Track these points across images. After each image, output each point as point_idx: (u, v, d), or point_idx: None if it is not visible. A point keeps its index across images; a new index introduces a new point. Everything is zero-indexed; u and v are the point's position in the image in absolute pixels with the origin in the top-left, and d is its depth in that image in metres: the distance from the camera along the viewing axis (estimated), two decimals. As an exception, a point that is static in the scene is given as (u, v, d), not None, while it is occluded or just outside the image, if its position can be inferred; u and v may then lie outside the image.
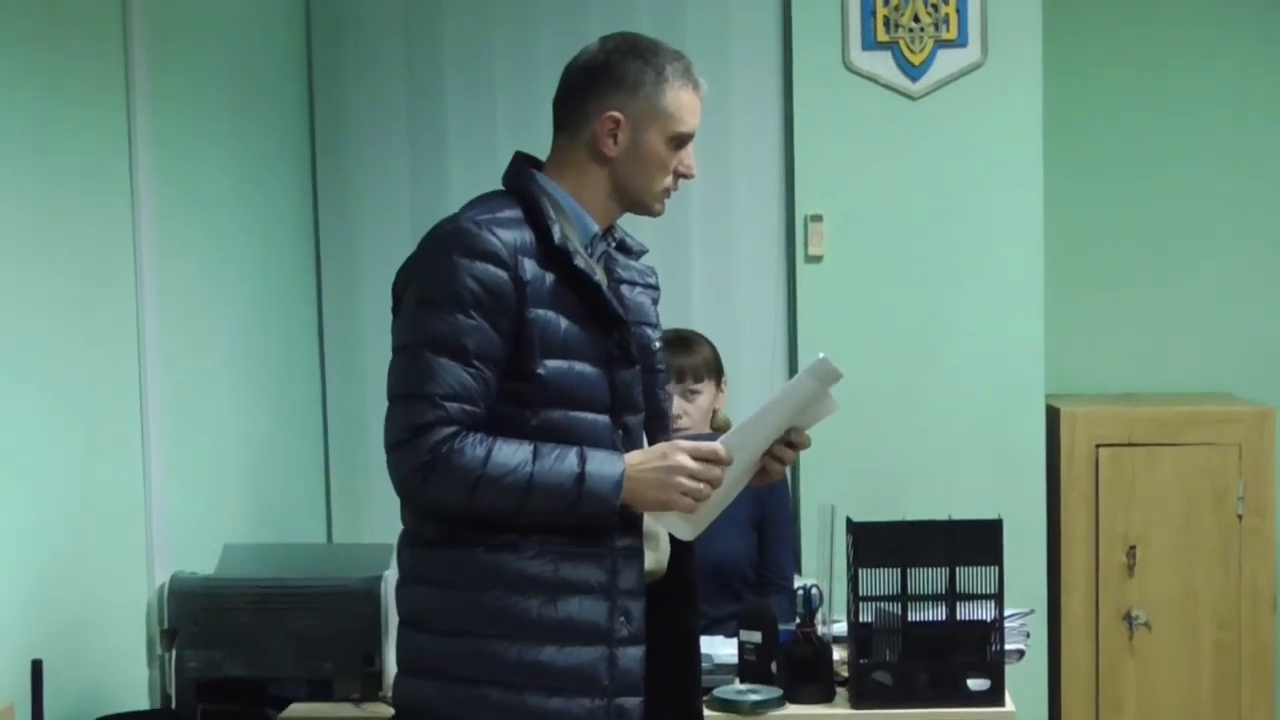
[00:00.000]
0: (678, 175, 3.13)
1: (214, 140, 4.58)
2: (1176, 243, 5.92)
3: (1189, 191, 5.91)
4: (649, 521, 3.09)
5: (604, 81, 3.06)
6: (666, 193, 3.14)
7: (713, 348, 4.65)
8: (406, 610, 3.08)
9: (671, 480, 2.98)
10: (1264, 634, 5.42)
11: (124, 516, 3.93)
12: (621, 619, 3.01)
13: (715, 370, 4.61)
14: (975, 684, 3.70)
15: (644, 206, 3.14)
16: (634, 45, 3.10)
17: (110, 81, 3.92)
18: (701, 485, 2.99)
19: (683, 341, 4.58)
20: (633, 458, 2.99)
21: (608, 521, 2.98)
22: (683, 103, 3.08)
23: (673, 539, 3.19)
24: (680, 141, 3.10)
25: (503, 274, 2.93)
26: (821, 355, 3.05)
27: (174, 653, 3.95)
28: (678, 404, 4.48)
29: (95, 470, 3.79)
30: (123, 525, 3.93)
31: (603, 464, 2.95)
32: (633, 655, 3.02)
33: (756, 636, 3.79)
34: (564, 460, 2.93)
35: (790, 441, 3.13)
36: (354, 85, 5.46)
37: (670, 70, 3.08)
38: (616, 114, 3.05)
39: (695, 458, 2.99)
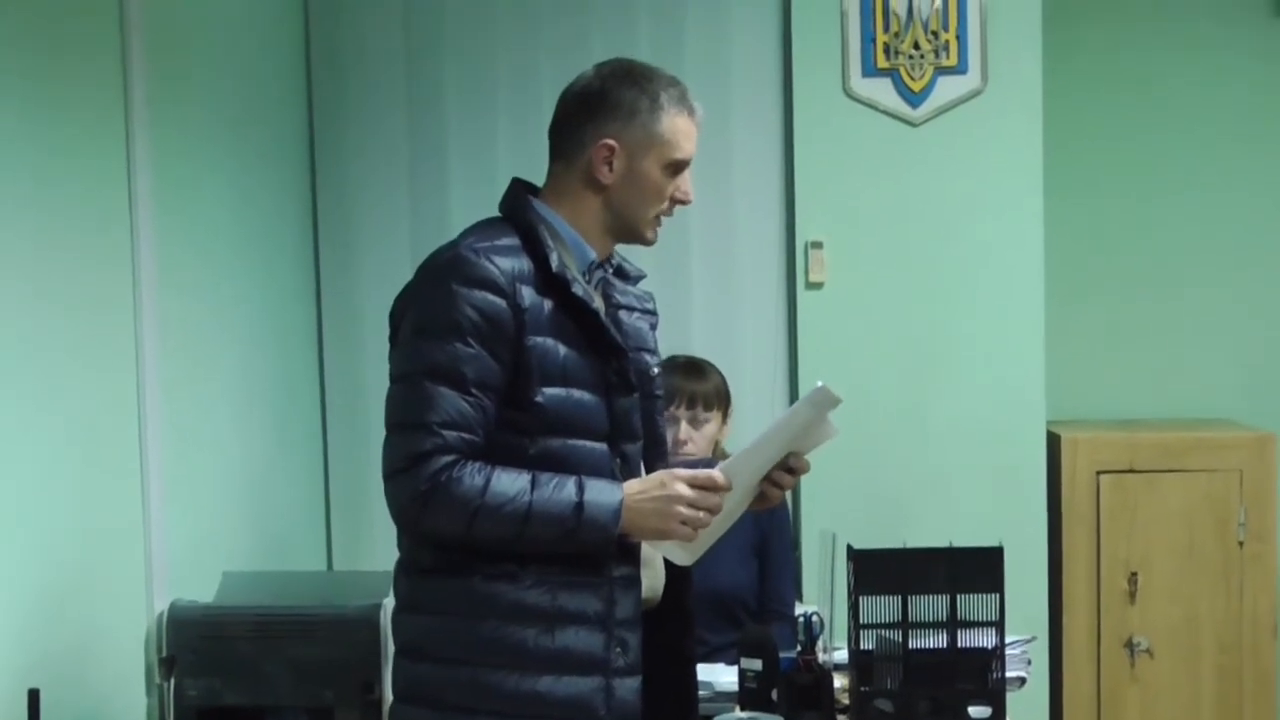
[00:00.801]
0: (675, 202, 3.12)
1: (213, 166, 4.57)
2: (1177, 268, 5.92)
3: (1189, 216, 5.91)
4: (644, 548, 3.09)
5: (599, 109, 3.06)
6: (658, 220, 3.13)
7: (723, 378, 4.63)
8: (403, 639, 3.08)
9: (670, 509, 2.97)
10: (1265, 660, 5.41)
11: (122, 543, 3.92)
12: (618, 649, 3.01)
13: (724, 400, 4.60)
14: (977, 711, 3.68)
15: (637, 234, 3.13)
16: (629, 72, 3.10)
17: (108, 108, 3.92)
18: (700, 513, 2.99)
19: (695, 368, 4.57)
20: (631, 486, 2.99)
21: (606, 550, 2.98)
22: (679, 129, 3.08)
23: (669, 566, 3.19)
24: (677, 168, 3.09)
25: (501, 302, 2.93)
26: (820, 384, 3.05)
27: (173, 681, 3.93)
28: (684, 430, 4.47)
29: (94, 497, 3.78)
30: (121, 552, 3.91)
31: (601, 493, 2.94)
32: (629, 686, 3.03)
33: (757, 664, 3.77)
34: (562, 489, 2.92)
35: (789, 467, 3.13)
36: (354, 110, 5.46)
37: (665, 97, 3.07)
38: (612, 142, 3.05)
39: (693, 486, 2.99)
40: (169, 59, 4.20)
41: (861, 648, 3.69)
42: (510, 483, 2.91)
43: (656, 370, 3.21)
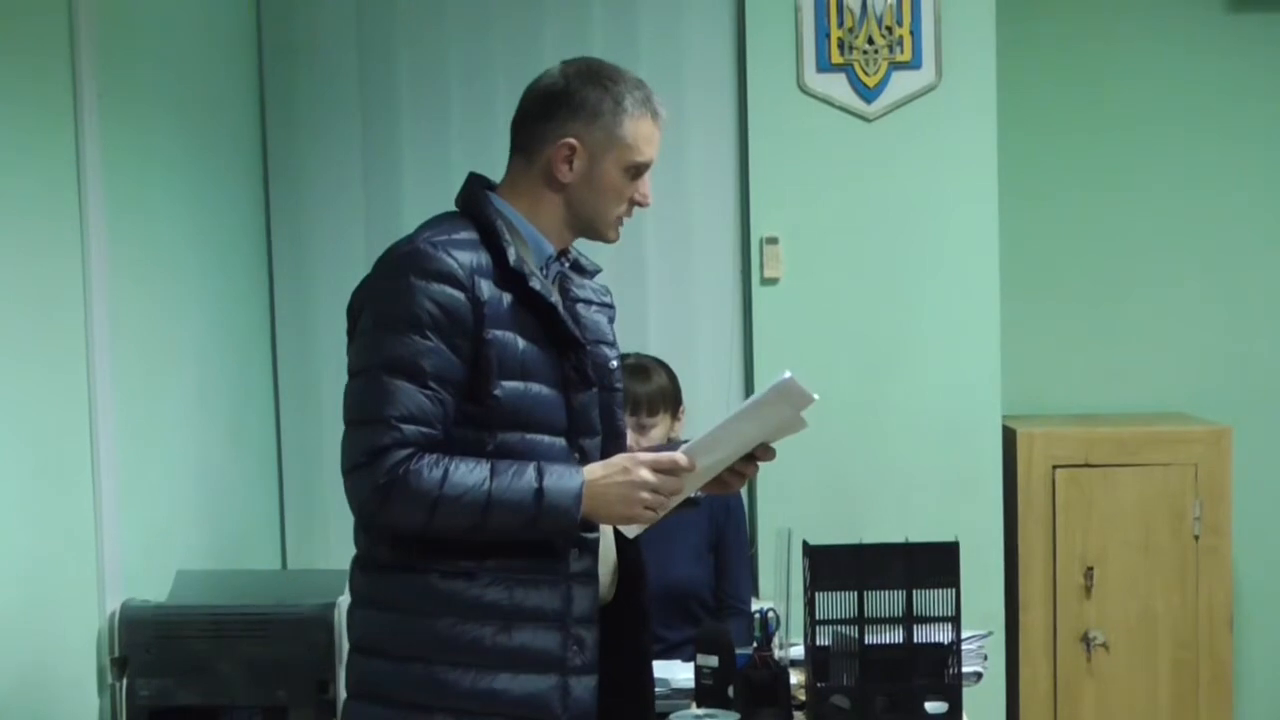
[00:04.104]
0: (633, 203, 3.11)
1: (164, 161, 4.55)
2: (1131, 262, 5.94)
3: (1143, 211, 5.93)
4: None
5: (563, 108, 3.05)
6: (620, 220, 3.13)
7: (670, 376, 4.56)
8: (358, 635, 3.06)
9: (634, 495, 2.97)
10: (1221, 653, 5.43)
11: (74, 543, 3.89)
12: (575, 648, 3.01)
13: (672, 401, 4.53)
14: (933, 707, 3.67)
15: (598, 234, 3.13)
16: (595, 72, 3.09)
17: (58, 103, 3.89)
18: (663, 497, 2.98)
19: (640, 370, 4.49)
20: (593, 470, 2.98)
21: (569, 535, 2.97)
22: (640, 132, 3.07)
23: (625, 565, 3.17)
24: (637, 171, 3.09)
25: (460, 295, 2.92)
26: (788, 374, 3.03)
27: (125, 681, 3.92)
28: (630, 437, 4.43)
29: (45, 496, 3.75)
30: (73, 552, 3.88)
31: (561, 478, 2.93)
32: (586, 684, 3.02)
33: (713, 660, 3.77)
34: (521, 476, 2.91)
35: (752, 455, 3.12)
36: (306, 104, 5.43)
37: (630, 100, 3.06)
38: (573, 141, 3.04)
39: (656, 470, 2.98)
40: (119, 53, 4.17)
41: (818, 644, 3.68)
42: (469, 472, 2.90)
43: (615, 363, 3.20)
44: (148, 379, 4.31)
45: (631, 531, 3.11)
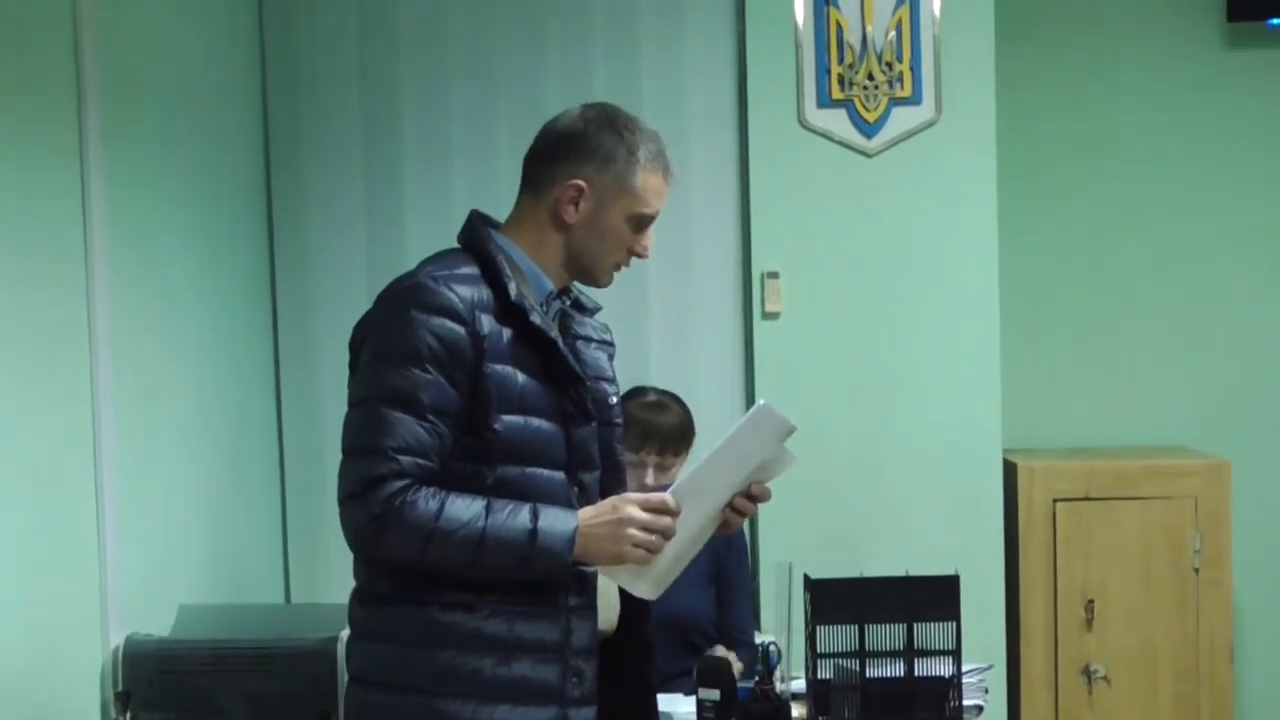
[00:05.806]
0: (632, 254, 3.14)
1: (168, 198, 4.57)
2: (1131, 296, 5.96)
3: (1143, 245, 5.94)
4: (600, 579, 3.09)
5: (577, 150, 3.07)
6: (617, 267, 3.15)
7: (686, 411, 4.58)
8: (358, 667, 3.07)
9: (623, 533, 2.97)
10: (1222, 685, 5.43)
11: (78, 578, 3.90)
12: (574, 679, 3.01)
13: (690, 437, 4.56)
14: (934, 740, 3.69)
15: (592, 278, 3.15)
16: (613, 119, 3.11)
17: (63, 142, 3.91)
18: (653, 536, 2.99)
19: (660, 406, 4.51)
20: (584, 513, 2.99)
21: (560, 577, 2.98)
22: (650, 185, 3.09)
23: (625, 596, 3.18)
24: (641, 223, 3.11)
25: (460, 329, 2.93)
26: (763, 401, 3.05)
27: (129, 716, 3.92)
28: (650, 475, 4.42)
29: (49, 531, 3.76)
30: (77, 587, 3.89)
31: (556, 521, 2.95)
32: (585, 715, 3.03)
33: (715, 694, 3.78)
34: (517, 516, 2.93)
35: (751, 494, 3.13)
36: (310, 142, 5.45)
37: (644, 151, 3.09)
38: (581, 183, 3.06)
39: (645, 509, 2.99)
40: (124, 93, 4.20)
41: (819, 677, 3.70)
42: (465, 508, 2.91)
43: (615, 399, 3.21)
44: (151, 415, 4.33)
45: (643, 590, 3.09)
